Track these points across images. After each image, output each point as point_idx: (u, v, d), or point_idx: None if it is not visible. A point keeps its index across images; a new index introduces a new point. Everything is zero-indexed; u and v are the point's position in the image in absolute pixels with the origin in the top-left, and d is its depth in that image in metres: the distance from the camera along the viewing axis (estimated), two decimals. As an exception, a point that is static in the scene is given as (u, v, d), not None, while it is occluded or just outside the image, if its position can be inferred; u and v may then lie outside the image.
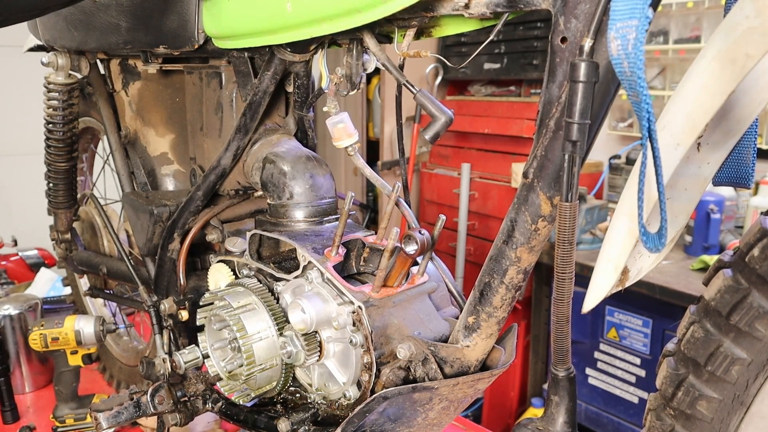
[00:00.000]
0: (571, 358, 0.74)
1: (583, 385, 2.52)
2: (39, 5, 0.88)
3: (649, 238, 0.60)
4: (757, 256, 0.68)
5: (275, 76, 1.05)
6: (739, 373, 0.71)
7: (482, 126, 3.09)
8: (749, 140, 0.76)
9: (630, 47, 0.53)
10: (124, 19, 1.13)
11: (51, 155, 1.48)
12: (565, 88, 0.67)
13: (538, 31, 2.89)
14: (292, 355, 0.92)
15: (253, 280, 1.01)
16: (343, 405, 0.94)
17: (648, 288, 2.06)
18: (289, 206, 1.06)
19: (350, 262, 1.00)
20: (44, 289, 2.33)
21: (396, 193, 0.97)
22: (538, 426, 0.77)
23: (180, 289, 1.22)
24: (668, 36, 2.58)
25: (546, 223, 0.73)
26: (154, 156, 1.43)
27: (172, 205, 1.25)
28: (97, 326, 1.43)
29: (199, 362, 1.04)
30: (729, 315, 0.70)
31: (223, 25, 0.97)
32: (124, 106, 1.44)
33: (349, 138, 0.98)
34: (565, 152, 0.64)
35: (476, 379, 0.86)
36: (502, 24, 0.73)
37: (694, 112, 0.65)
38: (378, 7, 0.74)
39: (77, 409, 1.50)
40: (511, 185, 2.87)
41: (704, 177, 0.77)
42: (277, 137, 1.15)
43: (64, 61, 1.36)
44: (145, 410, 1.06)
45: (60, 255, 1.74)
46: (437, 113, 0.84)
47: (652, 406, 0.81)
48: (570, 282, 0.68)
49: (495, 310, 0.81)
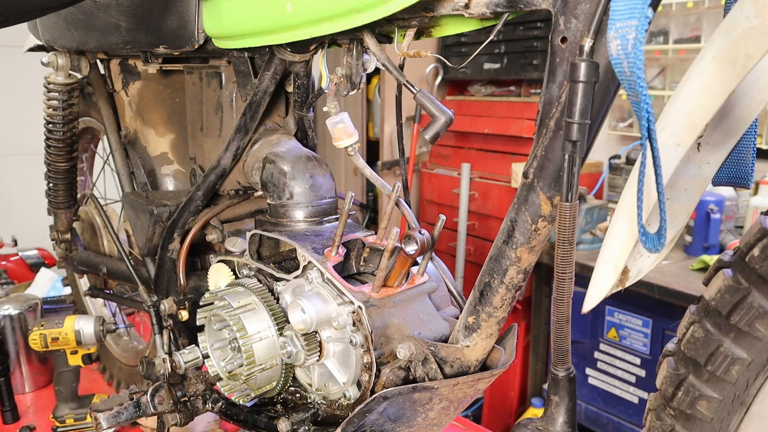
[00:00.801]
0: (571, 358, 0.74)
1: (583, 385, 2.52)
2: (39, 6, 0.88)
3: (648, 238, 0.60)
4: (757, 256, 0.68)
5: (275, 76, 1.05)
6: (739, 373, 0.71)
7: (482, 126, 3.09)
8: (749, 140, 0.76)
9: (630, 47, 0.53)
10: (124, 19, 1.13)
11: (51, 155, 1.48)
12: (565, 88, 0.67)
13: (538, 31, 2.89)
14: (292, 355, 0.92)
15: (253, 280, 1.01)
16: (343, 405, 0.94)
17: (648, 288, 2.06)
18: (289, 206, 1.06)
19: (350, 262, 1.00)
20: (44, 289, 2.33)
21: (396, 193, 0.97)
22: (538, 426, 0.77)
23: (180, 289, 1.22)
24: (668, 36, 2.58)
25: (546, 223, 0.73)
26: (154, 156, 1.43)
27: (172, 205, 1.25)
28: (97, 326, 1.43)
29: (199, 362, 1.04)
30: (729, 315, 0.70)
31: (223, 25, 0.97)
32: (124, 106, 1.44)
33: (349, 138, 0.98)
34: (565, 152, 0.64)
35: (476, 379, 0.86)
36: (502, 24, 0.73)
37: (694, 112, 0.65)
38: (378, 7, 0.74)
39: (77, 409, 1.50)
40: (511, 185, 2.87)
41: (704, 177, 0.77)
42: (277, 137, 1.15)
43: (64, 61, 1.37)
44: (145, 410, 1.06)
45: (60, 255, 1.74)
46: (437, 113, 0.84)
47: (652, 406, 0.81)
48: (570, 282, 0.68)
49: (495, 310, 0.81)
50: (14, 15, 0.84)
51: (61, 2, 0.91)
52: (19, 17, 0.88)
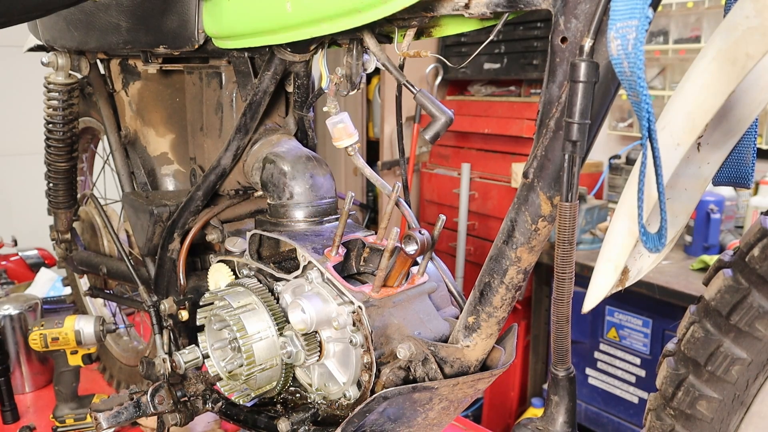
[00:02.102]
0: (571, 358, 0.74)
1: (583, 385, 2.52)
2: (40, 6, 0.88)
3: (648, 238, 0.60)
4: (757, 256, 0.68)
5: (275, 76, 1.05)
6: (739, 373, 0.71)
7: (482, 126, 3.09)
8: (749, 140, 0.76)
9: (630, 47, 0.53)
10: (124, 19, 1.13)
11: (51, 155, 1.48)
12: (565, 88, 0.67)
13: (538, 31, 2.89)
14: (292, 355, 0.92)
15: (253, 280, 1.01)
16: (343, 405, 0.94)
17: (648, 288, 2.06)
18: (289, 206, 1.06)
19: (350, 262, 1.00)
20: (44, 289, 2.33)
21: (396, 193, 0.97)
22: (538, 426, 0.77)
23: (180, 289, 1.22)
24: (668, 36, 2.58)
25: (546, 223, 0.73)
26: (154, 156, 1.43)
27: (172, 205, 1.25)
28: (97, 326, 1.43)
29: (199, 362, 1.04)
30: (729, 315, 0.70)
31: (223, 25, 0.97)
32: (124, 106, 1.44)
33: (349, 138, 0.98)
34: (565, 152, 0.64)
35: (476, 379, 0.86)
36: (502, 24, 0.73)
37: (694, 112, 0.65)
38: (378, 7, 0.74)
39: (77, 409, 1.50)
40: (511, 185, 2.87)
41: (704, 177, 0.77)
42: (277, 137, 1.15)
43: (64, 61, 1.37)
44: (145, 410, 1.06)
45: (60, 255, 1.74)
46: (437, 113, 0.84)
47: (652, 406, 0.81)
48: (570, 282, 0.68)
49: (495, 310, 0.81)
50: (16, 15, 0.84)
51: (62, 3, 0.91)
52: (21, 17, 0.88)
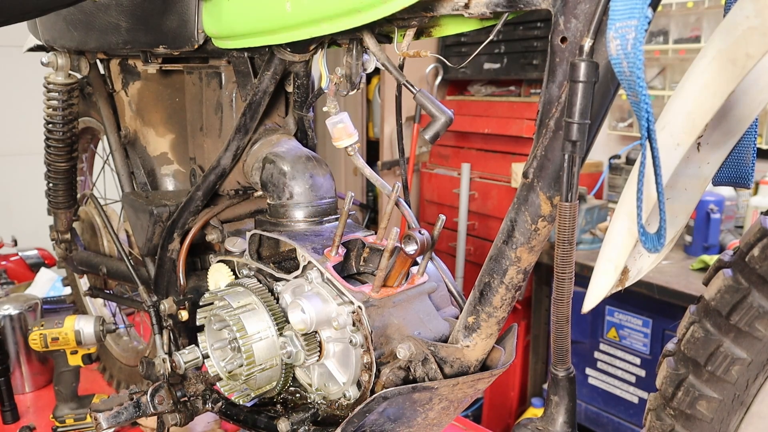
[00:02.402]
0: (571, 358, 0.74)
1: (583, 385, 2.52)
2: (40, 5, 0.88)
3: (648, 238, 0.60)
4: (757, 256, 0.68)
5: (275, 76, 1.05)
6: (739, 373, 0.71)
7: (482, 126, 3.09)
8: (749, 140, 0.76)
9: (629, 47, 0.53)
10: (123, 19, 1.13)
11: (51, 155, 1.48)
12: (565, 88, 0.67)
13: (538, 31, 2.89)
14: (292, 355, 0.92)
15: (252, 280, 1.01)
16: (343, 405, 0.94)
17: (648, 288, 2.06)
18: (289, 206, 1.06)
19: (350, 262, 1.00)
20: (44, 289, 2.33)
21: (396, 193, 0.97)
22: (538, 426, 0.77)
23: (180, 289, 1.22)
24: (668, 36, 2.58)
25: (546, 223, 0.73)
26: (154, 156, 1.43)
27: (172, 205, 1.25)
28: (97, 326, 1.43)
29: (199, 362, 1.04)
30: (729, 315, 0.70)
31: (222, 25, 0.97)
32: (124, 106, 1.44)
33: (349, 138, 0.98)
34: (565, 152, 0.64)
35: (476, 379, 0.86)
36: (502, 24, 0.73)
37: (694, 112, 0.65)
38: (378, 7, 0.74)
39: (77, 409, 1.50)
40: (511, 185, 2.87)
41: (704, 177, 0.77)
42: (277, 137, 1.15)
43: (64, 61, 1.37)
44: (145, 410, 1.06)
45: (60, 255, 1.74)
46: (437, 113, 0.84)
47: (652, 406, 0.81)
48: (570, 282, 0.68)
49: (495, 310, 0.81)
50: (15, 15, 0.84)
51: (62, 2, 0.91)
52: (20, 17, 0.88)
